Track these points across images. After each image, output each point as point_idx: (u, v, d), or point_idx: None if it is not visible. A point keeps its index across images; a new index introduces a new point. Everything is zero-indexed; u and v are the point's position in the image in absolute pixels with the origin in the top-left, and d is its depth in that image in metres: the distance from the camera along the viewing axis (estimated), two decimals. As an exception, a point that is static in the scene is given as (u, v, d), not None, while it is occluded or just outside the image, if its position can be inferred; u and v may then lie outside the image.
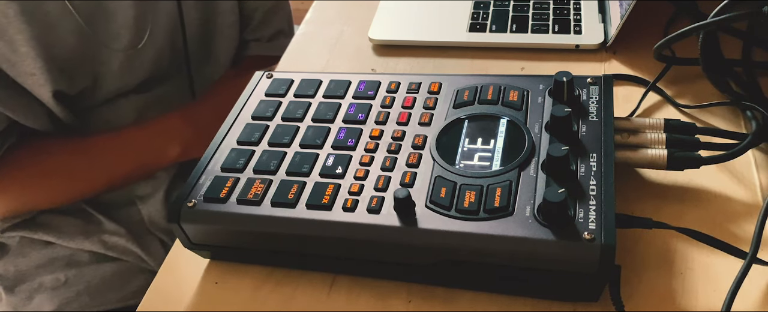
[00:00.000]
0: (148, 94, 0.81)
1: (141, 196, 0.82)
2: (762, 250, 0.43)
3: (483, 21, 0.71)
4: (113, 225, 0.80)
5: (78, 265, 0.79)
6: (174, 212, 0.45)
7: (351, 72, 0.57)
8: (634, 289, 0.43)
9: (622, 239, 0.45)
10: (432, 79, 0.53)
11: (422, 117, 0.49)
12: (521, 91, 0.49)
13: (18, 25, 0.64)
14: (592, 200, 0.40)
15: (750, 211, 0.47)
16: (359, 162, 0.46)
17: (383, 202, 0.43)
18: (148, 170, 0.80)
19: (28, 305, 0.78)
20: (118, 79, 0.76)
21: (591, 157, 0.43)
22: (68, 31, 0.69)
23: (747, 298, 0.42)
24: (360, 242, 0.43)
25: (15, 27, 0.64)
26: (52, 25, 0.67)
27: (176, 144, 0.78)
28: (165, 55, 0.80)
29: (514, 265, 0.40)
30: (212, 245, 0.47)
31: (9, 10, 0.63)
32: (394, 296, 0.45)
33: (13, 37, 0.64)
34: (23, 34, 0.64)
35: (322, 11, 0.80)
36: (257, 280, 0.47)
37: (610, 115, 0.46)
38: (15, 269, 0.79)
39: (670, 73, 0.60)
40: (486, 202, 0.41)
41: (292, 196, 0.44)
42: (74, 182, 0.76)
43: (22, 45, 0.65)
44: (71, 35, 0.69)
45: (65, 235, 0.78)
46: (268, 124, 0.51)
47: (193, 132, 0.78)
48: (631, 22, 0.63)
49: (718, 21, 0.52)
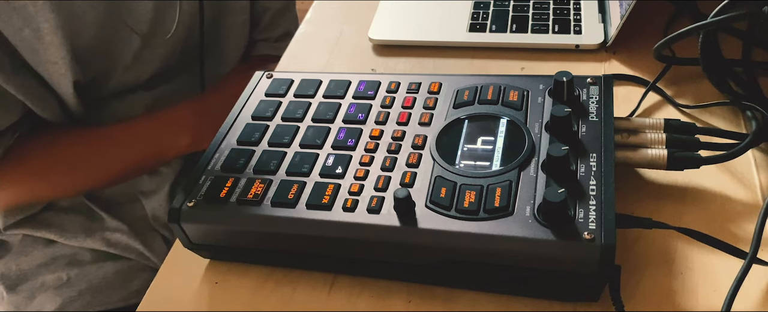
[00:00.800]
0: (156, 90, 0.81)
1: (144, 192, 0.82)
2: (762, 250, 0.43)
3: (483, 21, 0.71)
4: (116, 222, 0.80)
5: (80, 265, 0.79)
6: (174, 212, 0.45)
7: (351, 72, 0.57)
8: (634, 289, 0.43)
9: (622, 239, 0.45)
10: (432, 79, 0.53)
11: (422, 117, 0.49)
12: (521, 91, 0.49)
13: (46, 13, 0.65)
14: (592, 200, 0.40)
15: (750, 211, 0.47)
16: (359, 162, 0.46)
17: (383, 202, 0.43)
18: (158, 160, 0.81)
19: (30, 304, 0.78)
20: (129, 70, 0.76)
21: (591, 157, 0.43)
22: (91, 21, 0.69)
23: (747, 298, 0.42)
24: (360, 242, 0.43)
25: (43, 15, 0.65)
26: (77, 15, 0.68)
27: (186, 134, 0.78)
28: (176, 51, 0.81)
29: (514, 265, 0.40)
30: (212, 245, 0.47)
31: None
32: (394, 296, 0.45)
33: (40, 26, 0.65)
34: (50, 23, 0.65)
35: (322, 11, 0.80)
36: (257, 280, 0.47)
37: (610, 115, 0.46)
38: (17, 268, 0.79)
39: (670, 73, 0.60)
40: (486, 202, 0.41)
41: (292, 196, 0.44)
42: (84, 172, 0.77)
43: (48, 33, 0.66)
44: (93, 26, 0.70)
45: (68, 232, 0.78)
46: (268, 124, 0.51)
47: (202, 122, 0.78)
48: (631, 22, 0.63)
49: (718, 21, 0.52)
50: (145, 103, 0.81)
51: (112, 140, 0.76)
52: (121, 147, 0.76)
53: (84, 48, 0.70)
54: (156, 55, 0.78)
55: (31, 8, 0.64)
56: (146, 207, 0.82)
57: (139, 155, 0.78)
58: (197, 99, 0.81)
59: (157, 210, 0.82)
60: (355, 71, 0.64)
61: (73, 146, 0.75)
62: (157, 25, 0.75)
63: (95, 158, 0.76)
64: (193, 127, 0.78)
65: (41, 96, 0.70)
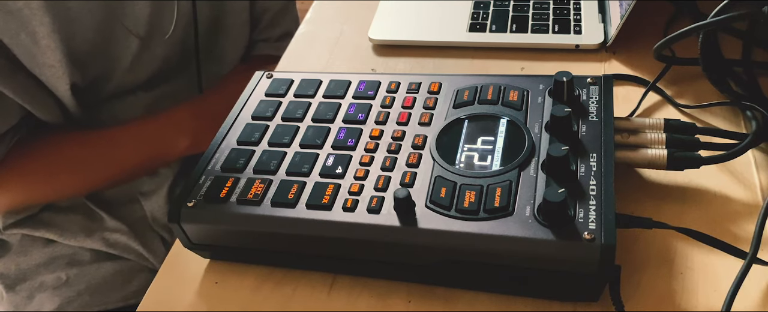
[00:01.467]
0: (156, 91, 0.81)
1: (144, 192, 0.82)
2: (762, 250, 0.43)
3: (483, 21, 0.71)
4: (115, 222, 0.80)
5: (79, 264, 0.79)
6: (174, 212, 0.45)
7: (351, 72, 0.57)
8: (634, 289, 0.43)
9: (622, 239, 0.45)
10: (432, 79, 0.53)
11: (422, 117, 0.49)
12: (521, 91, 0.49)
13: (41, 17, 0.65)
14: (592, 200, 0.40)
15: (750, 211, 0.47)
16: (359, 162, 0.46)
17: (383, 202, 0.43)
18: (158, 162, 0.80)
19: (29, 304, 0.78)
20: (129, 72, 0.76)
21: (591, 157, 0.43)
22: (89, 24, 0.69)
23: (747, 298, 0.42)
24: (360, 242, 0.43)
25: (38, 19, 0.65)
26: (73, 18, 0.68)
27: (186, 136, 0.78)
28: (176, 51, 0.81)
29: (514, 265, 0.40)
30: (212, 245, 0.47)
31: (33, 2, 0.64)
32: (394, 296, 0.45)
33: (36, 29, 0.65)
34: (45, 27, 0.65)
35: (322, 11, 0.80)
36: (257, 280, 0.47)
37: (610, 115, 0.46)
38: (16, 268, 0.79)
39: (670, 73, 0.60)
40: (486, 202, 0.41)
41: (292, 196, 0.44)
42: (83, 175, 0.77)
43: (43, 37, 0.66)
44: (91, 29, 0.70)
45: (67, 232, 0.78)
46: (268, 124, 0.51)
47: (202, 124, 0.78)
48: (631, 22, 0.63)
49: (718, 21, 0.52)
50: (145, 103, 0.81)
51: (112, 143, 0.76)
52: (121, 149, 0.76)
53: (81, 51, 0.70)
54: (155, 56, 0.78)
55: (27, 12, 0.64)
56: (145, 208, 0.82)
57: (139, 158, 0.78)
58: (196, 100, 0.81)
59: (155, 211, 0.82)
60: (355, 71, 0.64)
61: (72, 149, 0.75)
62: (155, 26, 0.75)
63: (95, 161, 0.76)
64: (192, 129, 0.78)
65: (40, 98, 0.70)
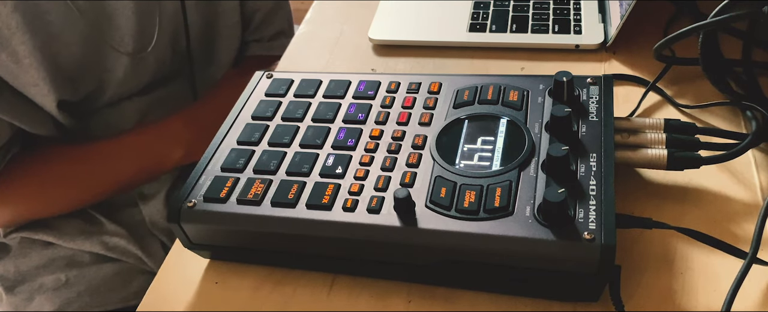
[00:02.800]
0: (150, 96, 0.81)
1: (143, 196, 0.82)
2: (762, 250, 0.43)
3: (483, 21, 0.71)
4: (114, 226, 0.80)
5: (79, 266, 0.79)
6: (174, 212, 0.45)
7: (351, 72, 0.57)
8: (634, 289, 0.43)
9: (622, 239, 0.45)
10: (432, 79, 0.53)
11: (422, 117, 0.49)
12: (521, 91, 0.49)
13: (20, 36, 0.64)
14: (592, 200, 0.40)
15: (750, 211, 0.47)
16: (359, 162, 0.46)
17: (383, 202, 0.43)
18: (152, 175, 0.80)
19: (29, 306, 0.78)
20: (123, 84, 0.76)
21: (591, 157, 0.43)
22: (72, 40, 0.69)
23: (747, 298, 0.42)
24: (360, 242, 0.43)
25: (18, 38, 0.64)
26: (55, 35, 0.67)
27: (179, 147, 0.78)
28: (168, 57, 0.80)
29: (514, 265, 0.40)
30: (212, 245, 0.47)
31: (12, 21, 0.63)
32: (394, 296, 0.45)
33: (16, 48, 0.64)
34: (26, 45, 0.64)
35: (322, 11, 0.80)
36: (257, 280, 0.47)
37: (610, 115, 0.46)
38: (15, 269, 0.79)
39: (670, 73, 0.60)
40: (486, 202, 0.41)
41: (292, 196, 0.44)
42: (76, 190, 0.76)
43: (25, 56, 0.65)
44: (75, 44, 0.69)
45: (66, 235, 0.78)
46: (268, 124, 0.51)
47: (195, 134, 0.78)
48: (631, 22, 0.63)
49: (718, 21, 0.52)
50: (139, 109, 0.80)
51: (105, 156, 0.76)
52: (115, 163, 0.76)
53: (69, 67, 0.69)
54: (148, 64, 0.78)
55: (6, 32, 0.63)
56: (144, 212, 0.82)
57: (133, 170, 0.77)
58: (189, 110, 0.80)
59: (154, 215, 0.82)
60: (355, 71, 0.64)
61: (66, 164, 0.75)
62: (143, 38, 0.75)
63: (89, 175, 0.76)
64: (186, 139, 0.78)
65: (30, 115, 0.70)
